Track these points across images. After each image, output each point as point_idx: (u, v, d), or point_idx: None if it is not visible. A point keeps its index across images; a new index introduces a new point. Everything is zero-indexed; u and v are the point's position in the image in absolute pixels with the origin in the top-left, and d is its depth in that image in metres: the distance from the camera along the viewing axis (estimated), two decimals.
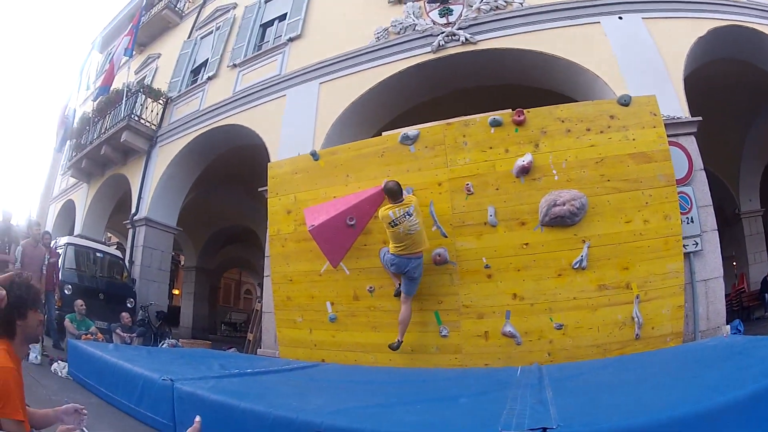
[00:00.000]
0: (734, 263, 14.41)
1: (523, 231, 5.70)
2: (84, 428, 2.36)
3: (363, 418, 2.92)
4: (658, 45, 7.41)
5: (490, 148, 5.95)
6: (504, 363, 5.47)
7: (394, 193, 5.65)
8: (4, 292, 2.08)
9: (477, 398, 3.61)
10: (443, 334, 5.83)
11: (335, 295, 6.47)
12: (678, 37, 7.49)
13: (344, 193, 6.51)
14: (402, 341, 5.68)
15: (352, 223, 6.15)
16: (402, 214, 5.51)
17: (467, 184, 5.93)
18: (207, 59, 12.80)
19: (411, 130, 6.36)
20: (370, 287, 6.25)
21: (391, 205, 5.61)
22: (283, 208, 7.03)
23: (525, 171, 5.73)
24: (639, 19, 7.67)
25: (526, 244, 5.68)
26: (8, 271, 6.02)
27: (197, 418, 2.28)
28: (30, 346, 5.21)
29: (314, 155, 6.95)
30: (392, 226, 5.54)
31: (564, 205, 5.47)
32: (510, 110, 5.99)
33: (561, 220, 5.52)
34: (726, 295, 6.86)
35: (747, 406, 2.41)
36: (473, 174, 5.96)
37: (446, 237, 5.94)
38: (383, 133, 6.90)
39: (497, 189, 5.84)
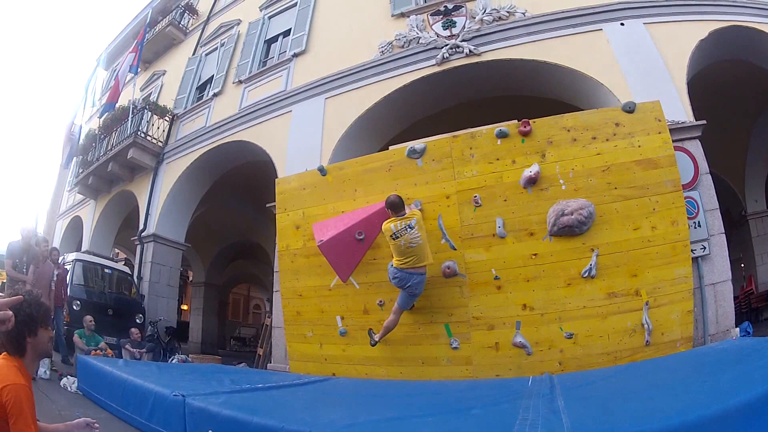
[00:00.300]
0: (742, 265, 14.34)
1: (531, 241, 5.70)
2: None
3: None
4: (660, 50, 7.44)
5: (497, 159, 5.97)
6: (515, 373, 5.45)
7: (395, 206, 5.67)
8: (11, 313, 2.11)
9: (489, 409, 3.60)
10: (454, 346, 5.82)
11: (345, 310, 6.47)
12: (679, 40, 7.52)
13: (352, 207, 6.53)
14: (378, 342, 5.91)
15: (361, 237, 6.16)
16: (403, 227, 5.52)
17: (475, 196, 5.94)
18: (212, 76, 12.93)
19: (418, 144, 6.37)
20: (380, 301, 6.24)
21: (394, 218, 5.64)
22: (291, 224, 7.04)
23: (532, 181, 5.74)
24: (641, 24, 7.71)
25: (535, 254, 5.67)
26: (17, 288, 6.05)
27: None
28: (40, 361, 5.27)
29: (322, 170, 6.96)
30: (394, 239, 5.55)
31: (572, 214, 5.46)
32: (516, 121, 6.01)
33: (569, 230, 5.51)
34: (734, 298, 6.82)
35: (758, 408, 2.40)
36: (481, 186, 5.97)
37: (455, 249, 5.94)
38: (390, 147, 6.90)
39: (505, 200, 5.85)
